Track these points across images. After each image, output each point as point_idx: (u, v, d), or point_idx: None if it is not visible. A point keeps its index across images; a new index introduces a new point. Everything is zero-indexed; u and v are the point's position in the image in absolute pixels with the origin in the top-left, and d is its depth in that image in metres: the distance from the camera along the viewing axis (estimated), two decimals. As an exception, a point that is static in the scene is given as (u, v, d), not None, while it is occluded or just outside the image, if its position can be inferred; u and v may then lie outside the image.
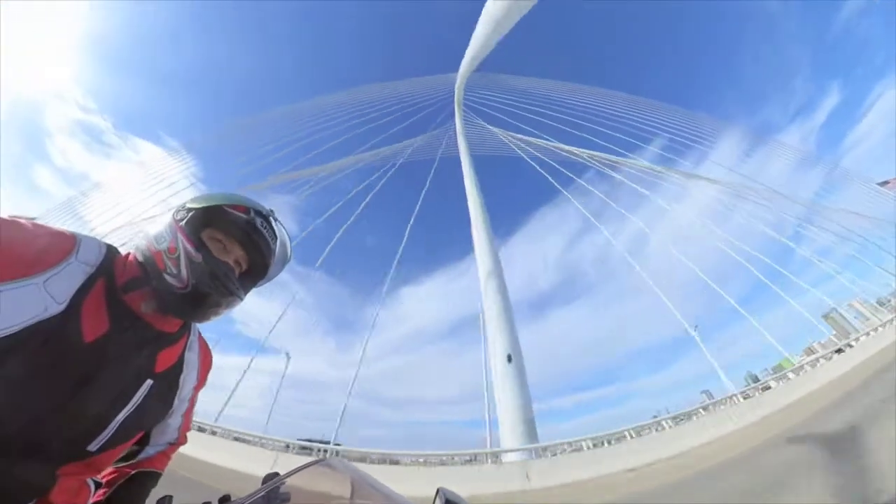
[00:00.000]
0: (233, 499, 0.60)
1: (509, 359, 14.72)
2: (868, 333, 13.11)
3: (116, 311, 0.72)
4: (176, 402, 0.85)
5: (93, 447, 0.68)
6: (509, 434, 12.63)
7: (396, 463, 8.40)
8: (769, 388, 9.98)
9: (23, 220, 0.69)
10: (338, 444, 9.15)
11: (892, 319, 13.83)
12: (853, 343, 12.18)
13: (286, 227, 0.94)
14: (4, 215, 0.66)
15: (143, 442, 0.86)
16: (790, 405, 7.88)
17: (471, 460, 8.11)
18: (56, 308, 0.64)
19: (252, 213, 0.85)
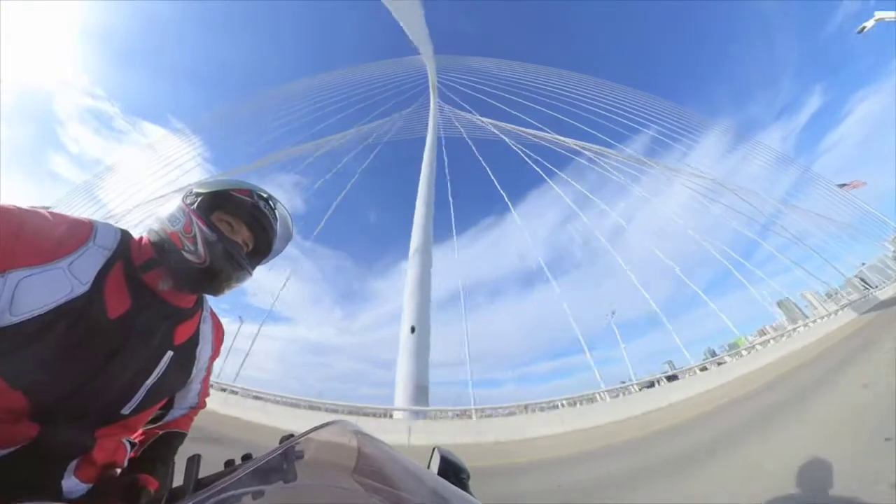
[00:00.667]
0: (253, 457, 0.67)
1: (412, 329, 16.75)
2: (815, 321, 15.26)
3: (136, 289, 0.78)
4: (194, 370, 0.93)
5: (125, 411, 0.76)
6: (401, 395, 14.44)
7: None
8: (724, 362, 11.47)
9: (41, 210, 0.73)
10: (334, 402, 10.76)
11: (836, 311, 16.36)
12: (801, 328, 14.34)
13: (286, 206, 1.00)
14: (24, 206, 0.71)
15: (168, 406, 0.96)
16: (740, 377, 9.44)
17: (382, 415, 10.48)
18: (81, 289, 0.69)
19: (255, 197, 0.92)
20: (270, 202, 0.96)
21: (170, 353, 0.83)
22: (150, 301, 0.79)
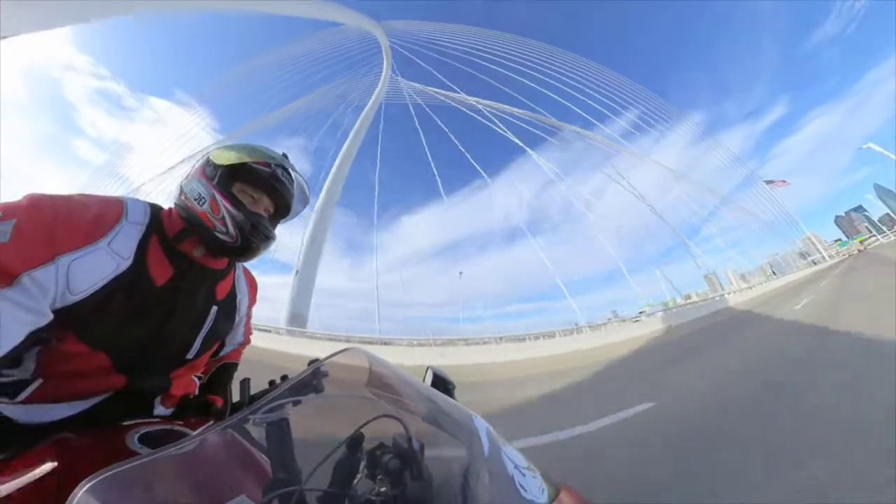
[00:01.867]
0: (289, 377, 0.85)
1: (296, 273, 26.38)
2: (730, 293, 22.28)
3: (175, 258, 0.88)
4: (237, 317, 1.10)
5: (189, 356, 0.94)
6: (283, 319, 23.19)
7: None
8: (653, 314, 17.03)
9: (72, 195, 0.79)
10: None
11: (746, 287, 23.89)
12: (717, 297, 21.33)
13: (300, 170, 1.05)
14: (54, 193, 0.76)
15: (222, 346, 1.14)
16: (665, 327, 14.02)
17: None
18: (125, 264, 0.78)
19: (273, 166, 0.95)
20: (288, 169, 0.99)
21: (215, 308, 0.97)
22: (189, 267, 0.90)
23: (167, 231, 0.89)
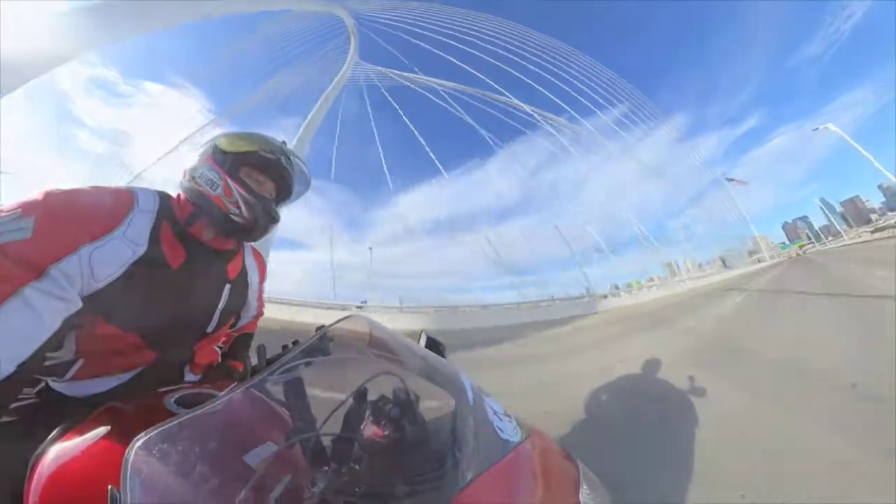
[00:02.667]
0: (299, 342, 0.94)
1: None
2: (685, 280, 26.23)
3: (187, 241, 0.93)
4: (249, 293, 1.18)
5: (209, 329, 1.03)
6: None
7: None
8: (618, 295, 19.76)
9: (84, 187, 0.83)
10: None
11: (702, 276, 28.41)
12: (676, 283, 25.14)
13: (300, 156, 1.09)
14: (66, 187, 0.79)
15: (238, 318, 1.23)
16: (635, 303, 15.93)
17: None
18: (140, 250, 0.83)
19: (278, 153, 1.00)
20: (291, 157, 1.04)
21: (228, 286, 1.04)
22: (200, 249, 0.95)
23: (177, 216, 0.94)
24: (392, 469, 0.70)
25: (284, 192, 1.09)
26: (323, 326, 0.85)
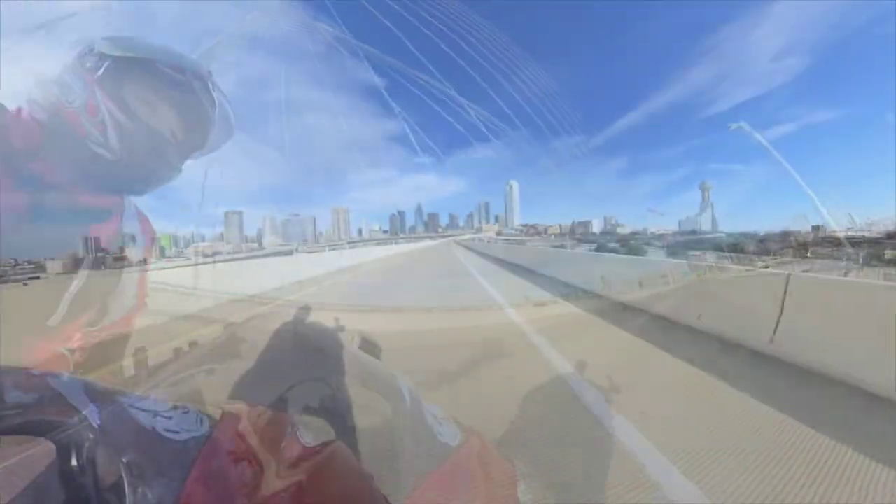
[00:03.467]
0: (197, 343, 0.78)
1: None
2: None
3: (26, 184, 0.60)
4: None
5: (51, 323, 0.74)
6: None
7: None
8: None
9: None
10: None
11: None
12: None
13: (226, 91, 0.77)
14: None
15: (106, 311, 0.93)
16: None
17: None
18: None
19: (188, 74, 0.68)
20: (208, 82, 0.71)
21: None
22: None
23: (13, 141, 0.61)
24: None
25: (196, 136, 0.77)
26: (232, 325, 0.72)
